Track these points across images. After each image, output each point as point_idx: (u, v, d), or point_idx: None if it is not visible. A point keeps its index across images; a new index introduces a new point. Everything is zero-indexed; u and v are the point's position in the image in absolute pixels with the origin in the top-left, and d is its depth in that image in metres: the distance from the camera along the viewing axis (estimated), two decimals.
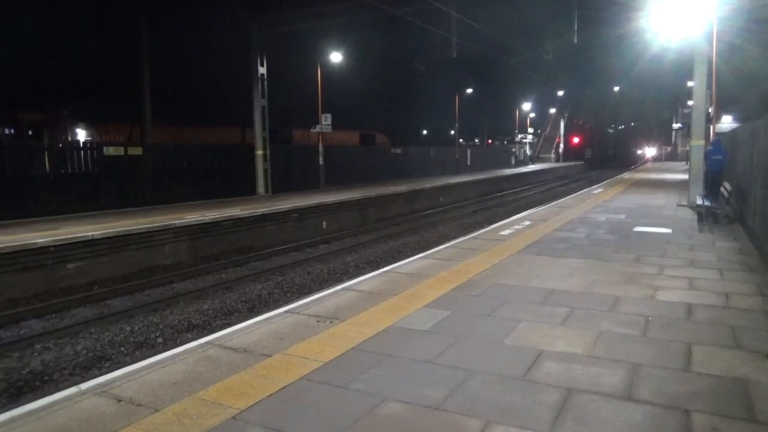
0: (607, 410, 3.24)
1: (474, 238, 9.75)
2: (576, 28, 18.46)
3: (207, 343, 4.52)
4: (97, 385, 3.73)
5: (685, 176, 17.35)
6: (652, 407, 3.26)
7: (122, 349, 7.56)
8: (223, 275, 11.50)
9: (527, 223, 11.39)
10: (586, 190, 21.31)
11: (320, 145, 23.27)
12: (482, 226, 13.22)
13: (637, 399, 3.37)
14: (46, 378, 6.62)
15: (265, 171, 20.55)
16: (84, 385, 3.73)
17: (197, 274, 11.39)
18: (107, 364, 7.05)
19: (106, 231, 10.94)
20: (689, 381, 3.63)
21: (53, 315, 8.85)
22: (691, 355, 4.05)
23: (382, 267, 7.70)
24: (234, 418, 3.23)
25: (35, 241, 9.84)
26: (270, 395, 3.51)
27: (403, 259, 8.36)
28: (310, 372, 3.86)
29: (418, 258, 7.95)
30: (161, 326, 8.36)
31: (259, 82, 20.21)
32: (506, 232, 10.19)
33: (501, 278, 6.51)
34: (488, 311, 5.21)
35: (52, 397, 3.58)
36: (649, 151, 70.41)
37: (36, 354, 7.29)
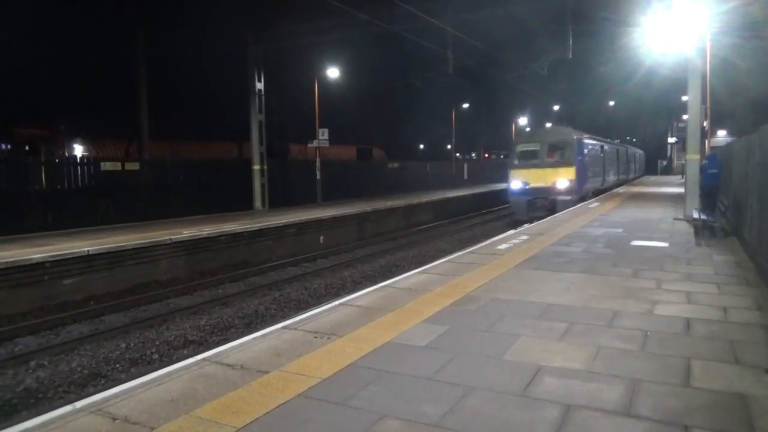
0: (606, 426, 3.21)
1: (471, 252, 9.75)
2: (571, 43, 18.62)
3: (204, 359, 4.48)
4: (93, 403, 3.69)
5: (681, 190, 17.43)
6: (651, 423, 3.24)
7: (118, 365, 7.50)
8: (219, 290, 11.46)
9: (524, 237, 11.40)
10: (582, 204, 21.37)
11: (317, 159, 23.32)
12: (479, 241, 13.22)
13: (637, 415, 3.35)
14: (40, 396, 6.56)
15: (262, 186, 20.57)
16: (79, 404, 3.69)
17: (194, 290, 11.35)
18: (102, 382, 6.99)
19: (102, 246, 10.91)
20: (689, 396, 3.61)
21: (48, 331, 8.79)
22: (690, 370, 4.03)
23: (380, 282, 7.68)
24: None
25: (31, 256, 9.80)
26: (267, 413, 3.48)
27: (401, 273, 8.35)
28: (308, 389, 3.83)
29: (415, 273, 7.94)
30: (157, 342, 8.31)
31: (256, 96, 20.31)
32: (503, 246, 10.18)
33: (499, 293, 6.50)
34: (486, 326, 5.19)
35: (46, 415, 3.54)
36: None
37: (31, 371, 7.23)
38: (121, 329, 8.81)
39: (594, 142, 25.78)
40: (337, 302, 6.31)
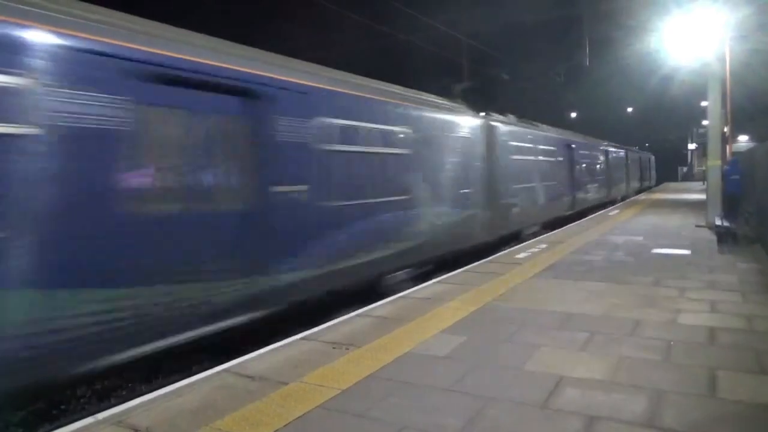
0: None
1: (489, 261, 9.69)
2: (588, 49, 18.57)
3: (223, 370, 4.50)
4: (114, 414, 3.72)
5: (702, 196, 17.16)
6: None
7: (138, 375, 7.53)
8: None
9: (543, 245, 11.31)
10: (602, 211, 21.15)
11: None
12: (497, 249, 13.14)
13: (661, 427, 3.28)
14: (62, 407, 6.62)
15: None
16: (101, 415, 3.72)
17: None
18: (124, 393, 7.03)
19: None
20: (714, 407, 3.53)
21: None
22: (715, 381, 3.95)
23: None
24: None
25: None
26: (287, 424, 3.48)
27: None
28: (327, 400, 3.82)
29: (433, 283, 7.91)
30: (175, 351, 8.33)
31: None
32: (522, 255, 10.11)
33: (518, 302, 6.44)
34: (506, 336, 5.14)
35: (68, 427, 3.58)
36: None
37: None
38: None
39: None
40: (354, 313, 6.31)
